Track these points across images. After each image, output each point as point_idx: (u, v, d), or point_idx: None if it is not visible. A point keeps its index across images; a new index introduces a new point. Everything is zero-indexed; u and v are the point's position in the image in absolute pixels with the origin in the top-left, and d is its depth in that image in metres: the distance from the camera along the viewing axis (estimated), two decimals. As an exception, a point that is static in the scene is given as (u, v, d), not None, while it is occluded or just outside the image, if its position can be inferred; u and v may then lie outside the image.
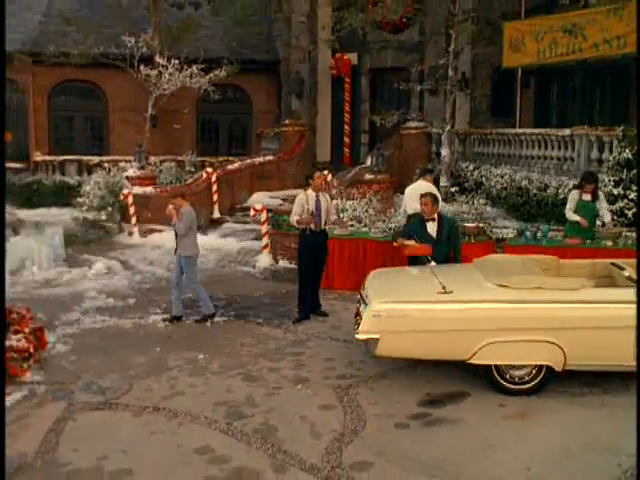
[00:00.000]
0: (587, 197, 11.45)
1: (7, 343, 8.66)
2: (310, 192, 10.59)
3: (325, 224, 10.66)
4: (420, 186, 12.05)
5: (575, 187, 12.16)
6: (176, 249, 10.83)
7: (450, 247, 9.61)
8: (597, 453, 6.17)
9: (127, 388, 8.10)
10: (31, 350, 8.81)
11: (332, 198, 15.26)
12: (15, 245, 13.79)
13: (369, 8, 20.63)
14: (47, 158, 24.24)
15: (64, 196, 22.05)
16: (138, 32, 22.12)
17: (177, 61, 21.26)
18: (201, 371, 8.62)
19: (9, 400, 7.80)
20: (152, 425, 7.13)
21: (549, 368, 7.32)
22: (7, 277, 12.04)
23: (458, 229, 10.11)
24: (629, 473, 5.78)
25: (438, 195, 10.49)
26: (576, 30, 16.03)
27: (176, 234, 10.73)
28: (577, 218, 11.36)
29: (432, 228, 9.62)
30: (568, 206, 11.63)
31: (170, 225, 11.39)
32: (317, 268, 10.75)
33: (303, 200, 10.48)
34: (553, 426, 6.79)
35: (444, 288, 7.47)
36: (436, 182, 13.70)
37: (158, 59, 21.25)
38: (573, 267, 8.57)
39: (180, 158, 23.72)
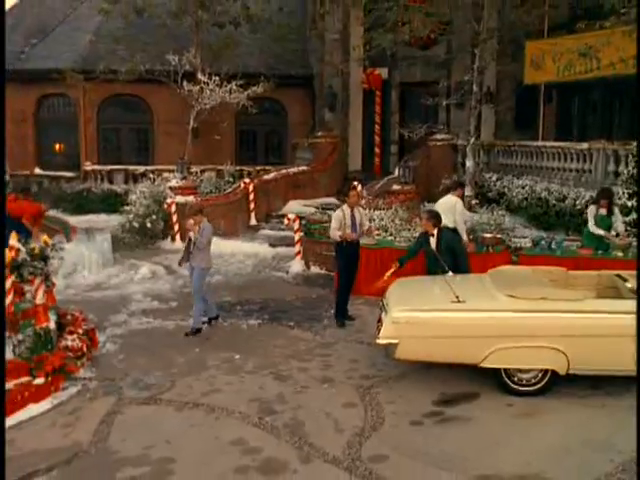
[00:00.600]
0: (603, 211, 11.92)
1: (63, 343, 9.27)
2: (346, 208, 10.93)
3: (359, 235, 11.07)
4: (450, 200, 12.47)
5: (592, 202, 12.54)
6: (181, 261, 11.00)
7: (454, 258, 9.98)
8: (593, 450, 6.54)
9: (170, 385, 8.59)
10: (84, 349, 9.39)
11: (362, 208, 15.80)
12: (68, 251, 14.42)
13: (399, 26, 20.96)
14: (96, 168, 24.82)
15: (112, 203, 22.62)
16: (182, 50, 22.69)
17: (217, 77, 21.75)
18: (237, 370, 9.07)
19: (65, 394, 8.39)
20: (192, 419, 7.62)
21: (554, 372, 7.69)
22: (61, 281, 12.78)
23: (456, 243, 10.40)
24: (620, 468, 6.15)
25: (439, 213, 10.77)
26: (591, 53, 16.20)
27: (188, 247, 10.88)
28: (602, 232, 11.77)
29: (432, 242, 10.13)
30: (590, 222, 12.07)
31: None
32: (351, 276, 11.16)
33: (340, 216, 10.81)
34: (555, 425, 7.16)
35: (457, 297, 7.87)
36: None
37: (200, 76, 21.75)
38: (580, 278, 8.90)
39: (220, 167, 24.24)
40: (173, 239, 17.97)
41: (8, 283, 8.91)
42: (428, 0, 19.12)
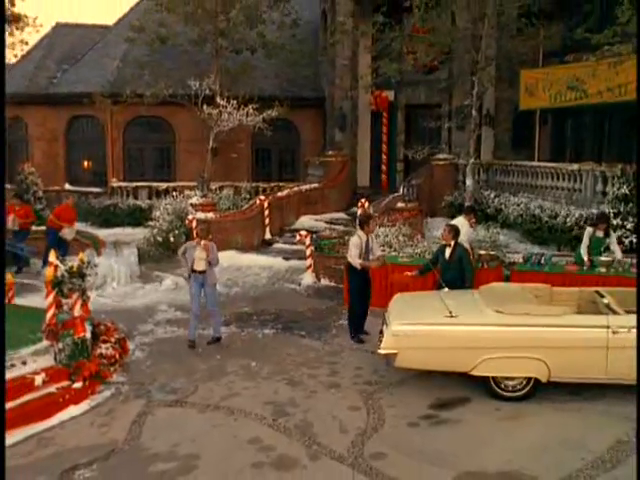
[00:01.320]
0: (600, 234, 12.35)
1: (98, 351, 9.83)
2: (362, 234, 11.22)
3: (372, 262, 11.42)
4: (460, 221, 12.96)
5: (590, 225, 12.94)
6: (189, 275, 11.11)
7: (461, 269, 10.58)
8: (568, 449, 7.04)
9: (193, 389, 9.12)
10: (117, 357, 9.95)
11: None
12: (98, 264, 14.98)
13: (404, 54, 21.52)
14: (122, 184, 25.36)
15: (136, 217, 23.18)
16: (202, 75, 23.24)
17: (235, 101, 22.29)
18: (253, 376, 9.58)
19: (101, 397, 8.95)
20: (214, 420, 8.16)
21: (536, 379, 8.21)
22: (92, 292, 13.27)
23: (467, 256, 10.98)
24: (590, 465, 6.67)
25: (458, 228, 11.35)
26: (579, 85, 16.62)
27: (192, 267, 10.99)
28: (585, 258, 12.17)
29: (447, 253, 10.74)
30: (584, 241, 12.46)
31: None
32: (366, 295, 11.45)
33: (358, 243, 11.15)
34: (536, 426, 7.67)
35: (450, 313, 8.41)
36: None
37: (219, 100, 22.29)
38: (563, 294, 9.41)
39: (237, 184, 24.80)
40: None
41: (50, 298, 9.55)
42: (430, 30, 19.53)
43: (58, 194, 26.02)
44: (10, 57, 29.91)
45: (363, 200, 18.43)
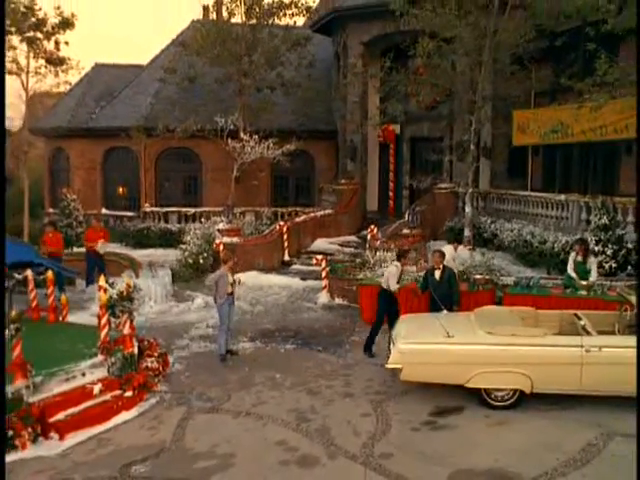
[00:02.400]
0: (579, 258, 12.97)
1: (143, 364, 10.64)
2: (399, 265, 12.14)
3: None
4: (446, 249, 13.80)
5: (572, 249, 13.64)
6: (216, 298, 11.79)
7: (450, 288, 11.53)
8: (546, 450, 7.78)
9: (227, 398, 9.90)
10: (160, 369, 10.75)
11: (376, 250, 17.03)
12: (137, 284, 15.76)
13: (409, 94, 22.32)
14: (154, 209, 26.12)
15: (167, 240, 23.91)
16: (226, 111, 24.19)
17: (257, 136, 23.20)
18: (278, 387, 10.34)
19: (148, 404, 9.74)
20: (245, 424, 8.94)
21: (521, 391, 8.96)
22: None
23: (455, 276, 11.88)
24: (564, 464, 7.42)
25: (447, 254, 12.32)
26: (563, 128, 17.38)
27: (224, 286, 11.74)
28: (574, 275, 12.86)
29: (437, 274, 11.70)
30: (569, 265, 13.10)
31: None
32: (393, 314, 11.92)
33: (395, 271, 12.02)
34: (521, 432, 8.40)
35: (448, 333, 9.20)
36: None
37: (242, 134, 23.22)
38: (546, 316, 10.15)
39: (258, 209, 25.69)
40: None
41: (104, 319, 10.40)
42: (432, 71, 20.30)
43: (96, 217, 27.00)
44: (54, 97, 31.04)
45: (372, 226, 19.20)
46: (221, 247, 19.11)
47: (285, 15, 24.68)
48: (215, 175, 26.94)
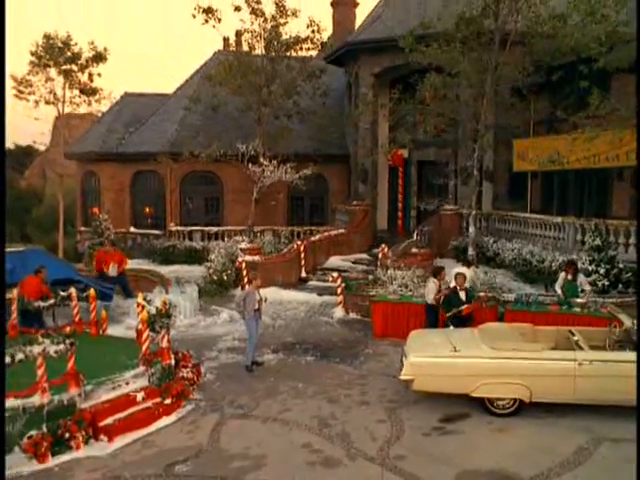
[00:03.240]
0: (569, 277, 13.60)
1: (179, 374, 11.24)
2: (436, 281, 13.10)
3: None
4: (461, 268, 14.41)
5: (562, 270, 14.25)
6: (244, 315, 12.35)
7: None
8: (542, 453, 8.35)
9: (255, 405, 10.48)
10: (194, 379, 11.38)
11: (387, 268, 17.60)
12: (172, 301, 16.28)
13: (417, 122, 22.93)
14: (179, 228, 26.77)
15: (192, 257, 24.49)
16: (247, 137, 24.92)
17: (275, 161, 23.91)
18: (300, 395, 10.92)
19: (185, 411, 10.33)
20: (273, 429, 9.53)
21: (521, 400, 9.53)
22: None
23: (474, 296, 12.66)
24: (558, 465, 7.99)
25: (467, 275, 12.98)
26: (559, 158, 17.98)
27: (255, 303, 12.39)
28: (559, 291, 13.53)
29: (462, 295, 12.38)
30: (557, 283, 13.83)
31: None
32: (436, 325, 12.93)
33: (433, 287, 13.08)
34: (520, 437, 8.97)
35: (455, 347, 9.80)
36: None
37: (262, 159, 23.93)
38: (543, 332, 10.72)
39: (276, 228, 26.36)
40: (242, 288, 19.54)
41: (145, 334, 11.04)
42: (438, 101, 20.92)
43: (124, 235, 27.77)
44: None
45: (383, 245, 19.76)
46: (243, 265, 19.78)
47: (301, 49, 25.48)
48: (235, 196, 27.60)
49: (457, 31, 19.41)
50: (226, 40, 34.47)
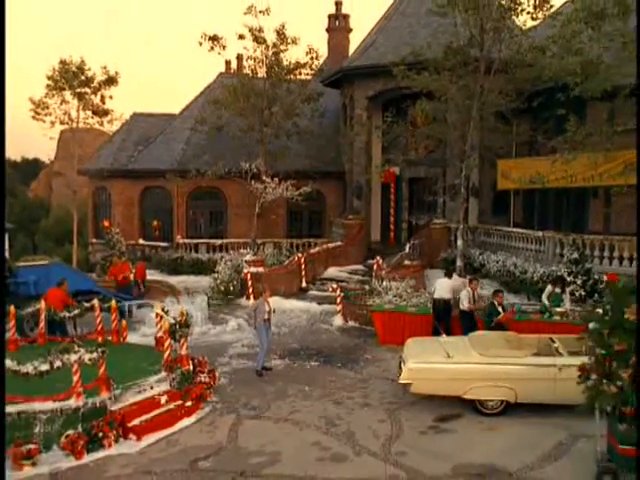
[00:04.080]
0: (558, 290, 14.24)
1: (197, 379, 11.76)
2: (470, 290, 13.78)
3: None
4: (443, 279, 15.00)
5: (550, 283, 14.86)
6: (255, 324, 12.98)
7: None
8: (527, 448, 8.95)
9: (267, 407, 10.98)
10: (211, 383, 11.90)
11: (382, 279, 18.18)
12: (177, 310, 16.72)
13: (408, 140, 23.64)
14: (186, 241, 27.23)
15: (198, 268, 25.04)
16: (249, 156, 25.49)
17: (277, 178, 24.50)
18: (308, 397, 11.44)
19: (204, 412, 10.80)
20: (285, 429, 10.05)
21: (507, 402, 10.13)
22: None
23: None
24: (540, 459, 8.59)
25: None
26: (540, 179, 18.70)
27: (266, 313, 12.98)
28: (546, 302, 14.17)
29: (500, 309, 13.12)
30: (544, 294, 14.46)
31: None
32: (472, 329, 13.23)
33: (467, 295, 13.70)
34: (507, 434, 9.56)
35: (448, 354, 10.42)
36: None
37: (264, 177, 24.51)
38: (526, 340, 11.29)
39: (276, 240, 26.89)
40: (248, 298, 20.05)
41: (167, 342, 11.59)
42: (428, 125, 21.60)
43: (134, 247, 28.21)
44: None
45: (378, 258, 20.32)
46: (249, 276, 20.29)
47: (300, 74, 26.15)
48: (238, 210, 28.08)
49: (445, 60, 20.15)
50: (228, 63, 35.10)
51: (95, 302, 14.52)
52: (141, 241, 29.05)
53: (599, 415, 7.75)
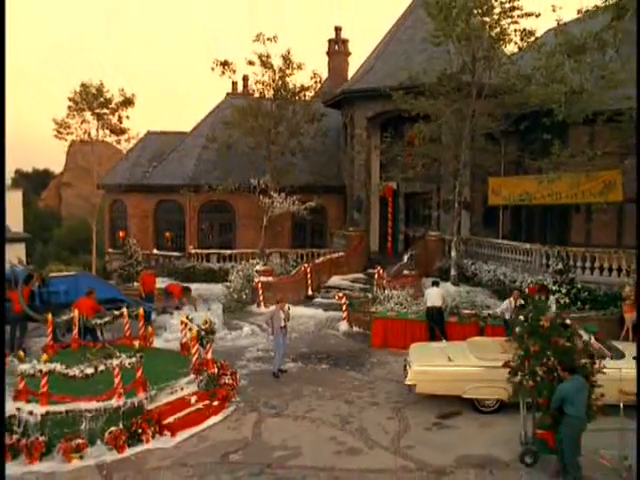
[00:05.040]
0: (542, 297, 14.84)
1: (221, 380, 12.36)
2: (511, 300, 14.31)
3: None
4: (432, 288, 15.65)
5: (537, 291, 15.53)
6: (272, 331, 13.49)
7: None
8: (519, 443, 9.63)
9: (285, 406, 11.59)
10: (233, 384, 12.53)
11: (384, 288, 18.83)
12: (198, 317, 17.18)
13: (406, 159, 24.31)
14: (197, 251, 27.74)
15: (210, 276, 25.55)
16: (257, 171, 26.18)
17: (283, 193, 25.19)
18: (321, 397, 12.05)
19: (229, 411, 11.36)
20: (303, 426, 10.66)
21: (502, 400, 10.77)
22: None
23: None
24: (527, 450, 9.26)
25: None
26: (528, 197, 19.49)
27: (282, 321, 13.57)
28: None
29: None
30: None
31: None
32: None
33: (508, 305, 14.27)
34: (502, 430, 10.20)
35: (449, 358, 11.10)
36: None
37: (272, 193, 25.19)
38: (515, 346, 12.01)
39: (282, 250, 27.47)
40: (258, 305, 20.67)
41: (195, 348, 12.22)
42: (424, 145, 22.31)
43: (148, 256, 28.77)
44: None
45: (379, 268, 20.94)
46: (259, 285, 20.93)
47: (305, 96, 26.88)
48: (246, 222, 28.67)
49: (440, 85, 20.93)
50: (234, 83, 35.80)
51: (124, 310, 15.17)
52: (155, 251, 29.50)
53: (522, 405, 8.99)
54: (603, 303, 16.14)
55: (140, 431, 10.12)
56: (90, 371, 10.20)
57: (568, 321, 9.79)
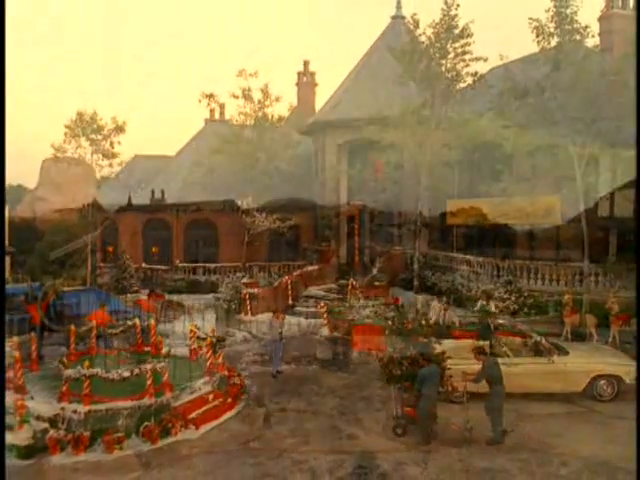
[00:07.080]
0: (484, 303, 16.32)
1: (231, 381, 13.32)
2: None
3: None
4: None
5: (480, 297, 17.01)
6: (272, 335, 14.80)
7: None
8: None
9: (288, 402, 12.49)
10: (240, 384, 13.54)
11: (359, 298, 20.04)
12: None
13: (372, 180, 25.78)
14: (184, 264, 28.59)
15: (196, 288, 26.43)
16: (239, 193, 27.26)
17: (264, 213, 26.28)
18: (317, 394, 13.07)
19: (241, 406, 12.27)
20: (307, 417, 11.65)
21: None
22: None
23: None
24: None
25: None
26: (482, 217, 21.19)
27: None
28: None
29: None
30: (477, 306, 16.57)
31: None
32: None
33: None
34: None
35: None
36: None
37: (255, 213, 26.26)
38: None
39: (261, 264, 28.47)
40: (246, 314, 21.33)
41: (209, 354, 13.17)
42: (388, 170, 23.83)
43: (136, 270, 29.25)
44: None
45: (352, 280, 22.17)
46: (247, 295, 21.83)
47: (281, 124, 28.16)
48: (228, 238, 29.42)
49: (403, 119, 22.48)
50: (212, 111, 36.74)
51: (137, 321, 15.95)
52: (144, 264, 30.04)
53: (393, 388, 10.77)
54: (546, 309, 17.77)
55: (170, 425, 11.02)
56: (127, 374, 11.09)
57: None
